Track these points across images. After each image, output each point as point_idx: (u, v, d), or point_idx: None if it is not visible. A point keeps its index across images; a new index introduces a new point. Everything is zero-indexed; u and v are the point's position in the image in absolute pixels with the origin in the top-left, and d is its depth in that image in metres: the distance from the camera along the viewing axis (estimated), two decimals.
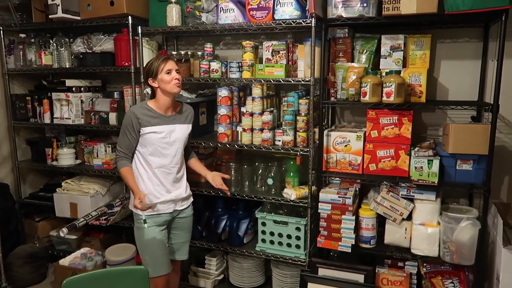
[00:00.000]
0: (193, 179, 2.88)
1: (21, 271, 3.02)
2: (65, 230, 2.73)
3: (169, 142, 2.18)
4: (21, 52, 3.20)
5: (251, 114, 2.53)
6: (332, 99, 2.47)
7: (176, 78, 2.12)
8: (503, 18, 1.97)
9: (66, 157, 3.18)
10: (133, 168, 2.22)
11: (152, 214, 2.20)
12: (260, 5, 2.40)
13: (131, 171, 2.19)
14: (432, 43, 2.34)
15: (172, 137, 2.19)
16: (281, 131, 2.48)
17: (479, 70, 2.41)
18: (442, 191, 2.38)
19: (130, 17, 2.71)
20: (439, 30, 2.45)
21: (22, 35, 3.17)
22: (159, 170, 2.19)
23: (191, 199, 2.40)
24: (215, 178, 2.34)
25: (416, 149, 2.28)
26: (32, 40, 3.16)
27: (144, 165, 2.20)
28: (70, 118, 3.09)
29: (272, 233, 2.59)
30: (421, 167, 2.20)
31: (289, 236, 2.54)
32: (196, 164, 2.45)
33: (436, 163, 2.17)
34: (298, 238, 2.52)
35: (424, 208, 2.30)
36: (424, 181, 2.20)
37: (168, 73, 2.12)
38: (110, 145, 3.13)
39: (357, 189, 2.52)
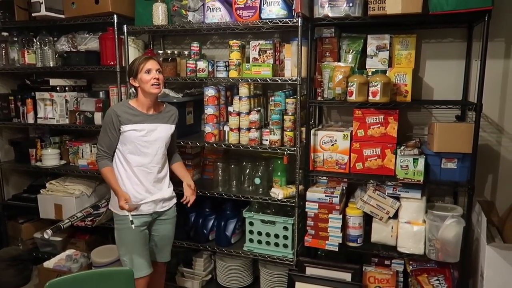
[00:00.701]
0: (180, 178, 2.86)
1: (4, 274, 2.96)
2: (49, 231, 2.69)
3: (149, 141, 2.16)
4: (3, 51, 3.14)
5: (238, 114, 2.52)
6: (319, 98, 2.48)
7: (155, 78, 2.10)
8: (486, 19, 2.00)
9: (50, 157, 3.13)
10: (113, 167, 2.19)
11: (133, 215, 2.14)
12: (246, 4, 2.40)
13: (112, 171, 2.17)
14: (417, 43, 2.36)
15: (152, 136, 2.17)
16: (268, 130, 2.48)
17: (463, 70, 2.44)
18: (427, 190, 2.41)
19: (115, 16, 2.68)
20: (424, 30, 2.48)
21: (5, 34, 3.12)
22: (138, 169, 2.16)
23: (174, 201, 2.35)
24: (186, 189, 2.32)
25: (402, 148, 2.30)
26: (15, 39, 3.10)
27: (123, 164, 2.17)
28: (54, 118, 3.04)
29: (259, 233, 2.58)
30: (407, 166, 2.22)
31: (276, 236, 2.54)
32: (178, 169, 2.40)
33: (421, 161, 2.19)
34: (285, 237, 2.52)
35: (410, 206, 2.32)
36: (410, 180, 2.23)
37: (147, 72, 2.10)
38: (95, 145, 3.07)
39: (344, 188, 2.53)
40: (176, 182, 2.39)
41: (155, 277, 2.36)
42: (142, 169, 2.17)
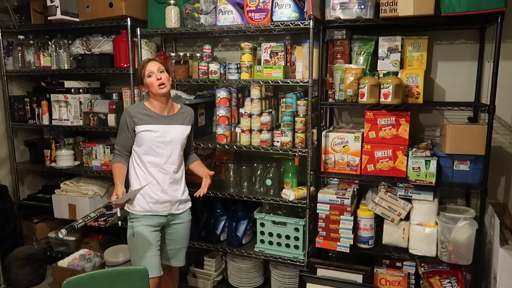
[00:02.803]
0: (191, 179, 2.89)
1: (19, 273, 3.01)
2: (63, 231, 2.72)
3: (164, 142, 2.16)
4: (19, 54, 3.20)
5: (250, 115, 2.54)
6: (330, 100, 2.49)
7: (158, 79, 2.10)
8: (499, 20, 1.99)
9: (64, 158, 3.18)
10: (129, 167, 2.22)
11: (147, 214, 2.18)
12: (258, 7, 2.42)
13: (120, 167, 2.18)
14: (429, 45, 2.36)
15: (167, 137, 2.17)
16: (280, 132, 2.49)
17: (476, 72, 2.43)
18: (439, 191, 2.39)
19: (128, 19, 2.72)
20: (436, 32, 2.47)
21: (21, 37, 3.18)
22: (154, 170, 2.17)
23: (189, 204, 2.35)
24: (204, 180, 2.29)
25: (414, 149, 2.29)
26: (31, 42, 3.16)
27: (139, 165, 2.19)
28: (68, 120, 3.10)
29: (270, 234, 2.60)
30: (419, 168, 2.22)
31: (287, 237, 2.55)
32: (197, 167, 2.39)
33: (433, 163, 2.19)
34: (296, 238, 2.53)
35: (422, 208, 2.31)
36: (422, 182, 2.22)
37: (150, 76, 2.11)
38: (108, 147, 3.13)
39: (355, 189, 2.53)
40: (189, 183, 2.37)
41: (168, 281, 2.37)
42: (157, 169, 2.17)
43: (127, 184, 2.23)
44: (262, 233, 2.62)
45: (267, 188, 2.65)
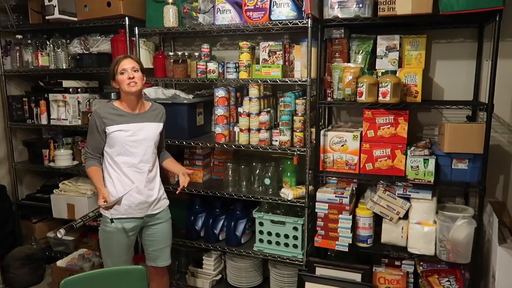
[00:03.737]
0: (190, 179, 2.88)
1: (18, 273, 3.01)
2: (62, 231, 2.72)
3: (137, 141, 2.12)
4: (17, 53, 3.20)
5: (248, 115, 2.54)
6: (329, 99, 2.49)
7: (129, 78, 2.06)
8: (497, 19, 1.99)
9: (63, 158, 3.17)
10: (103, 170, 2.16)
11: (122, 218, 2.12)
12: (256, 6, 2.41)
13: (97, 170, 2.13)
14: (428, 44, 2.36)
15: (140, 135, 2.13)
16: (278, 131, 2.49)
17: (474, 70, 2.43)
18: (438, 190, 2.40)
19: (127, 18, 2.72)
20: (434, 31, 2.47)
21: (19, 36, 3.17)
22: (129, 170, 2.12)
23: (167, 202, 2.31)
24: (181, 177, 2.23)
25: (412, 148, 2.30)
26: (29, 41, 3.15)
27: (113, 166, 2.13)
28: (67, 119, 3.09)
29: (269, 233, 2.60)
30: (417, 166, 2.22)
31: (286, 236, 2.55)
32: (170, 164, 2.36)
33: (432, 162, 2.19)
34: (295, 237, 2.53)
35: (421, 207, 2.31)
36: (420, 180, 2.22)
37: (122, 73, 2.07)
38: None
39: (354, 188, 2.53)
40: (188, 183, 2.34)
41: (160, 283, 2.36)
42: (133, 169, 2.12)
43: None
44: (261, 232, 2.62)
45: (266, 188, 2.65)
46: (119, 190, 2.11)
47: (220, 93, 2.60)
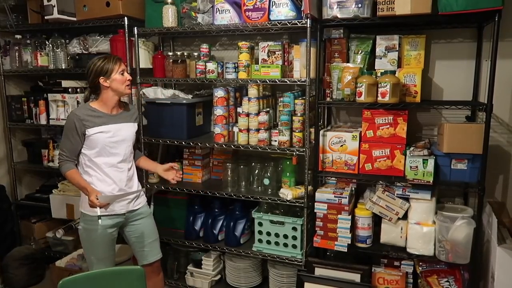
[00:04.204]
0: (189, 179, 2.89)
1: (17, 273, 3.01)
2: (61, 231, 2.74)
3: (117, 141, 2.15)
4: (17, 53, 3.19)
5: (247, 115, 2.53)
6: (328, 99, 2.48)
7: (128, 79, 2.15)
8: (496, 19, 1.99)
9: None
10: (81, 172, 2.15)
11: (104, 215, 2.09)
12: (255, 6, 2.41)
13: (77, 172, 2.12)
14: (427, 44, 2.36)
15: (120, 136, 2.16)
16: (277, 131, 2.49)
17: (473, 70, 2.43)
18: (437, 190, 2.39)
19: (126, 18, 2.72)
20: (434, 31, 2.47)
21: (18, 36, 3.17)
22: (110, 170, 2.14)
23: (145, 198, 2.36)
24: (167, 173, 2.32)
25: (411, 148, 2.29)
26: (28, 41, 3.15)
27: (93, 167, 2.14)
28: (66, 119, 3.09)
29: (268, 233, 2.59)
30: (416, 167, 2.21)
31: (285, 236, 2.55)
32: (145, 162, 2.41)
33: (431, 162, 2.19)
34: (294, 238, 2.53)
35: (420, 207, 2.31)
36: (420, 181, 2.22)
37: (122, 73, 2.13)
38: None
39: (353, 188, 2.53)
40: (188, 183, 2.36)
41: (156, 278, 2.36)
42: (113, 169, 2.15)
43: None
44: (260, 232, 2.62)
45: (265, 188, 2.64)
46: (101, 190, 2.11)
47: (219, 93, 2.60)
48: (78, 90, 3.13)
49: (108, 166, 2.14)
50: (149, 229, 2.31)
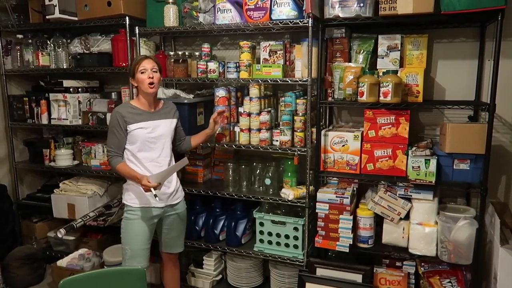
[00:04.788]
0: (190, 179, 2.89)
1: (18, 273, 3.01)
2: (62, 231, 2.73)
3: (155, 137, 2.24)
4: (18, 53, 3.20)
5: (249, 114, 2.53)
6: (330, 99, 2.48)
7: (149, 77, 2.17)
8: (499, 18, 1.98)
9: (63, 158, 3.17)
10: None
11: (144, 207, 2.25)
12: (257, 6, 2.41)
13: (126, 164, 2.23)
14: (429, 43, 2.35)
15: (158, 132, 2.25)
16: (279, 131, 2.48)
17: (476, 70, 2.42)
18: (439, 191, 2.38)
19: (127, 18, 2.71)
20: (436, 30, 2.45)
21: (19, 36, 3.18)
22: (150, 164, 2.24)
23: (183, 194, 2.45)
24: (216, 127, 2.46)
25: (414, 148, 2.28)
26: (30, 41, 3.15)
27: (135, 162, 2.24)
28: (67, 119, 3.09)
29: (270, 233, 2.59)
30: (419, 167, 2.20)
31: (287, 236, 2.54)
32: (194, 138, 2.49)
33: (433, 162, 2.18)
34: (296, 238, 2.52)
35: (422, 207, 2.30)
36: (422, 181, 2.21)
37: (142, 72, 2.17)
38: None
39: (355, 189, 2.52)
40: (189, 183, 2.38)
41: (172, 268, 2.52)
42: (153, 164, 2.25)
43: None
44: (261, 232, 2.61)
45: (266, 188, 2.64)
46: None
47: (220, 92, 2.59)
48: (80, 89, 3.13)
49: (149, 160, 2.24)
50: (179, 224, 2.43)
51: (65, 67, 3.05)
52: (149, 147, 2.23)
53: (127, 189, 2.28)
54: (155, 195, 2.11)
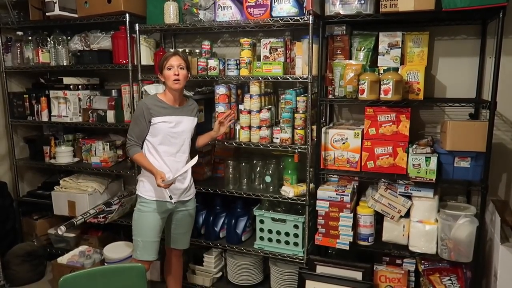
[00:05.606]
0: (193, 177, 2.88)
1: (19, 270, 3.02)
2: (63, 228, 2.73)
3: (177, 132, 2.29)
4: (18, 50, 3.19)
5: (249, 112, 2.52)
6: (330, 96, 2.47)
7: (175, 74, 2.21)
8: (501, 15, 1.97)
9: (64, 155, 3.17)
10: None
11: (158, 200, 2.29)
12: (257, 3, 2.40)
13: (144, 155, 2.28)
14: (430, 40, 2.34)
15: (180, 127, 2.29)
16: (279, 128, 2.48)
17: (477, 68, 2.41)
18: (439, 188, 2.38)
19: (127, 15, 2.71)
20: (437, 27, 2.45)
21: (20, 33, 3.17)
22: (168, 159, 2.28)
23: (195, 191, 2.49)
24: (222, 129, 2.46)
25: (414, 146, 2.28)
26: (30, 38, 3.15)
27: (153, 154, 2.29)
28: (68, 116, 3.09)
29: (270, 231, 2.59)
30: (419, 165, 2.20)
31: (287, 234, 2.54)
32: (201, 138, 2.52)
33: (433, 160, 2.17)
34: (296, 235, 2.52)
35: (422, 205, 2.30)
36: (422, 179, 2.21)
37: (169, 69, 2.22)
38: (108, 143, 3.12)
39: (355, 186, 2.52)
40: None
41: (176, 263, 2.56)
42: (171, 158, 2.29)
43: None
44: (261, 230, 2.62)
45: (267, 185, 2.63)
46: None
47: (220, 90, 2.59)
48: (80, 87, 3.13)
49: (168, 155, 2.29)
50: (188, 221, 2.48)
51: (65, 64, 3.05)
52: (170, 141, 2.27)
53: (143, 181, 2.33)
54: (170, 196, 2.17)
